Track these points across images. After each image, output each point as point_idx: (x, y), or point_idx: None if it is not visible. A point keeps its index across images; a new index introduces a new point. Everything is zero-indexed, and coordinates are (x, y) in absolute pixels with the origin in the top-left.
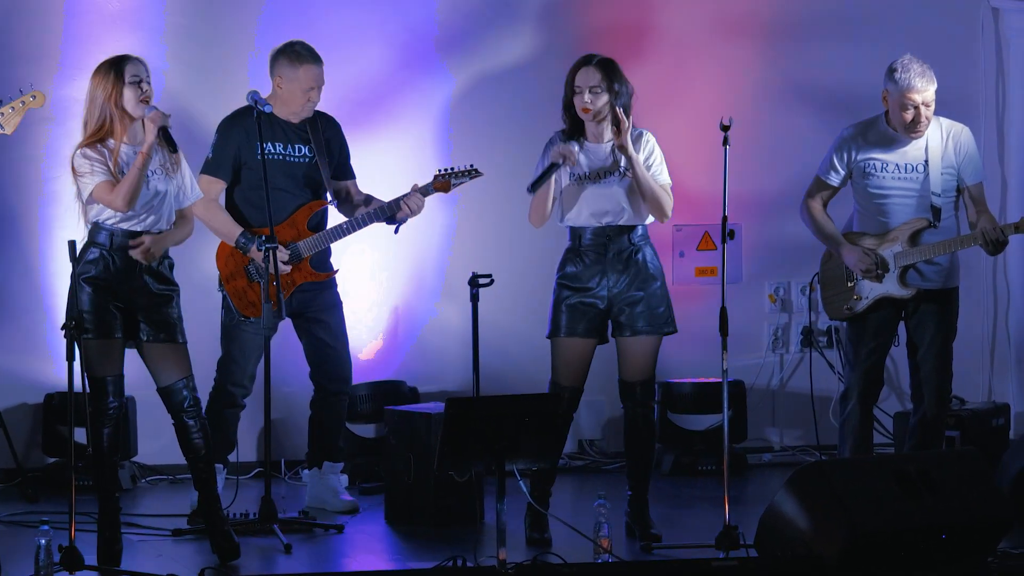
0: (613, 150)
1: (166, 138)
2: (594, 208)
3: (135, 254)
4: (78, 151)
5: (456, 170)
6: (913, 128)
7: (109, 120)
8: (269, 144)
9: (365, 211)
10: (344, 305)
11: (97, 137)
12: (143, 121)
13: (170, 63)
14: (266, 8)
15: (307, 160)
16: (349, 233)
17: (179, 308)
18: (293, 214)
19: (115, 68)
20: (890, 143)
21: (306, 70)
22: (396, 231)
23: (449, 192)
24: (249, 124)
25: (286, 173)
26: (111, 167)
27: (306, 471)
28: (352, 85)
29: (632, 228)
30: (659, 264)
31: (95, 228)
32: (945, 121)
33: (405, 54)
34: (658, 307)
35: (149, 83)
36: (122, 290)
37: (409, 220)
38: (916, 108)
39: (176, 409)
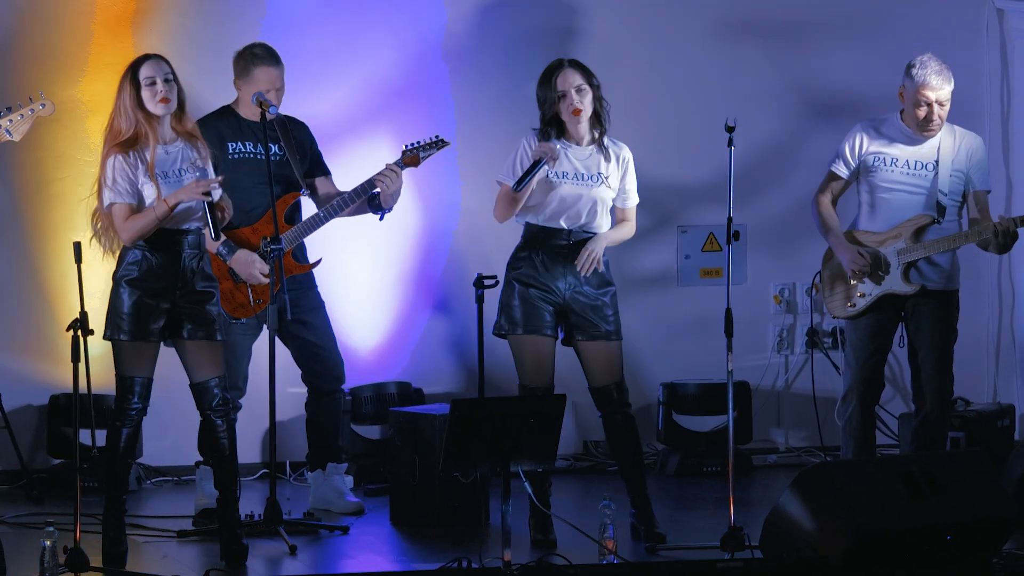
0: (593, 153)
1: (210, 212)
2: (562, 208)
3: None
4: (114, 155)
5: (423, 143)
6: (926, 126)
7: (138, 125)
8: (239, 143)
9: (340, 196)
10: (348, 307)
11: (131, 142)
12: (173, 128)
13: (174, 64)
14: (270, 9)
15: (277, 158)
16: (327, 221)
17: (219, 306)
18: (269, 210)
19: (132, 72)
20: (903, 140)
21: (263, 71)
22: (381, 218)
23: (419, 165)
24: (220, 126)
25: (257, 171)
26: (142, 178)
27: (310, 473)
28: (354, 88)
29: (594, 235)
30: (608, 271)
31: None
32: (959, 128)
33: (408, 57)
34: (613, 314)
35: (167, 80)
36: (165, 289)
37: (394, 207)
38: (929, 105)
39: (205, 407)
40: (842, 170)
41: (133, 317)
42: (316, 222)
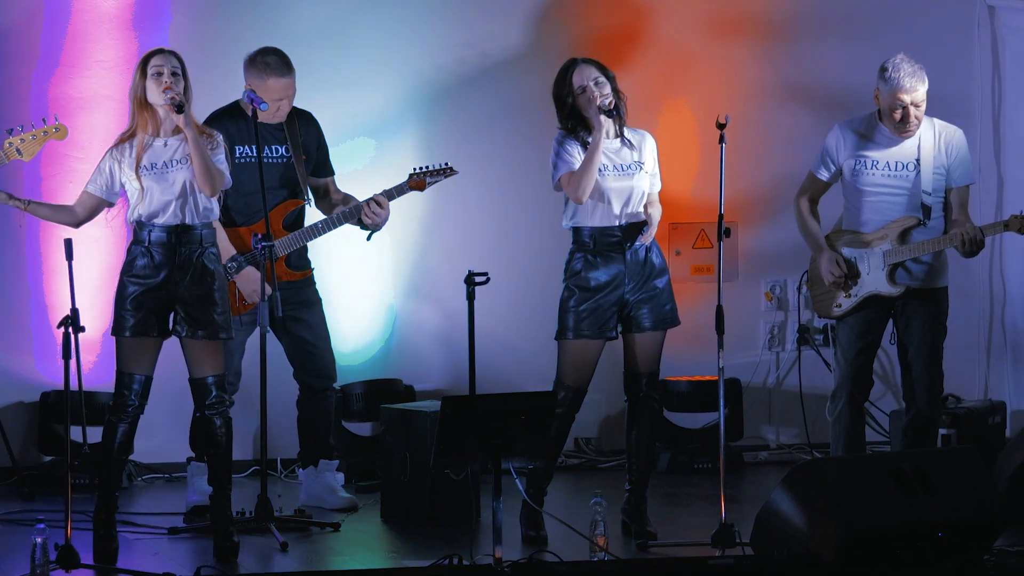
0: (620, 145)
1: (176, 106)
2: (609, 201)
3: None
4: (111, 147)
5: (431, 168)
6: (903, 128)
7: (136, 115)
8: (245, 147)
9: (340, 210)
10: (339, 304)
11: (129, 133)
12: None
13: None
14: (265, 9)
15: (283, 160)
16: (324, 232)
17: (224, 303)
18: (269, 213)
19: (142, 63)
20: (882, 141)
21: (275, 81)
22: (368, 238)
23: (424, 190)
24: (230, 127)
25: (265, 175)
26: (127, 170)
27: (301, 470)
28: (338, 86)
29: (644, 224)
30: (663, 259)
31: (139, 226)
32: (939, 122)
33: (392, 55)
34: (666, 304)
35: (175, 73)
36: (164, 284)
37: (383, 228)
38: (904, 108)
39: (201, 403)
40: (823, 174)
41: (133, 312)
42: (314, 232)
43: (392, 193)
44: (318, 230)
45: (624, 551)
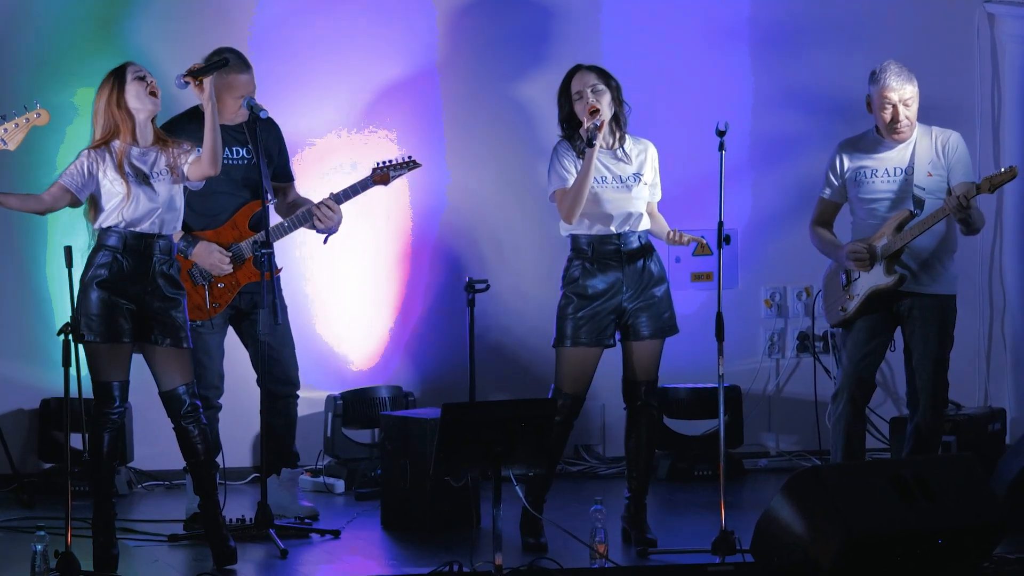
0: (621, 157)
1: (203, 70)
2: (608, 213)
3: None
4: (83, 151)
5: (394, 162)
6: (894, 128)
7: (114, 124)
8: None
9: (301, 210)
10: (340, 311)
11: (103, 141)
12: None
13: (164, 68)
14: (258, 13)
15: (245, 162)
16: (289, 232)
17: (184, 313)
18: (233, 215)
19: (116, 73)
20: (878, 150)
21: (236, 78)
22: (324, 241)
23: (388, 184)
24: (191, 129)
25: (224, 175)
26: (110, 173)
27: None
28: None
29: (642, 233)
30: (663, 267)
31: (104, 232)
32: (936, 128)
33: (396, 59)
34: (664, 312)
35: (153, 79)
36: (134, 292)
37: (338, 231)
38: (894, 107)
39: (176, 414)
40: (827, 192)
41: (103, 319)
42: (280, 232)
43: (356, 189)
44: (284, 229)
45: (624, 558)
